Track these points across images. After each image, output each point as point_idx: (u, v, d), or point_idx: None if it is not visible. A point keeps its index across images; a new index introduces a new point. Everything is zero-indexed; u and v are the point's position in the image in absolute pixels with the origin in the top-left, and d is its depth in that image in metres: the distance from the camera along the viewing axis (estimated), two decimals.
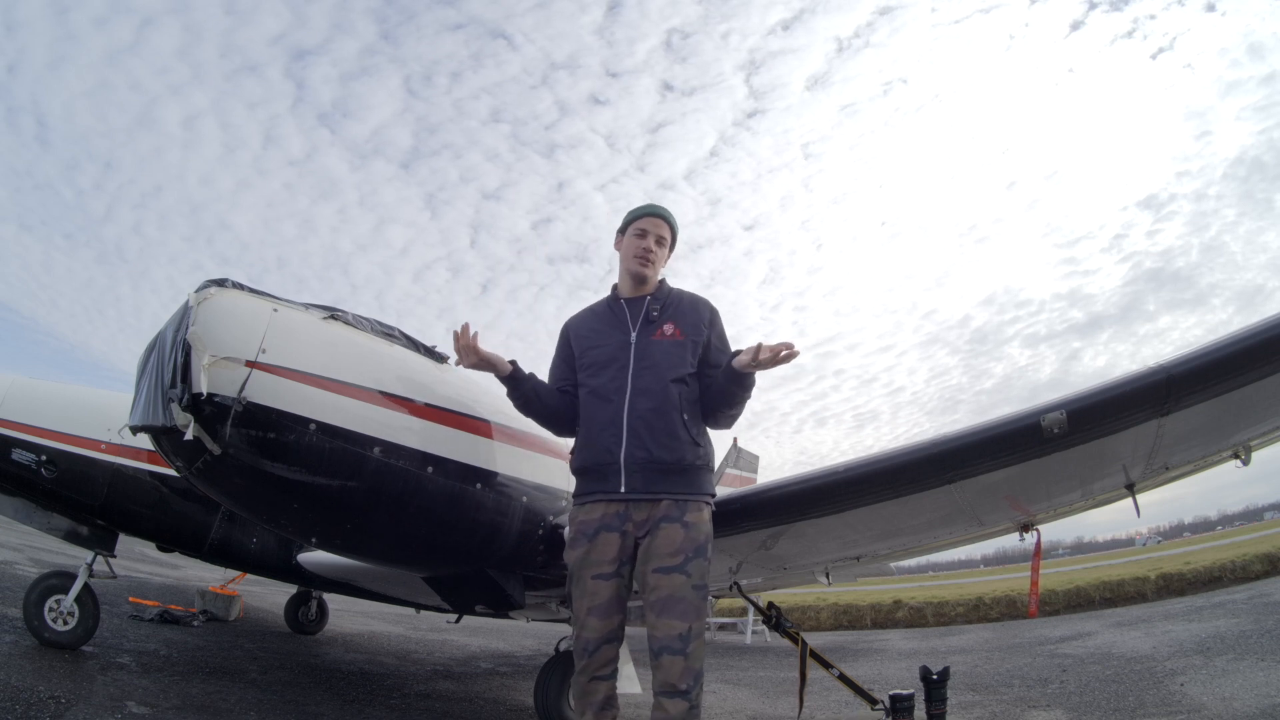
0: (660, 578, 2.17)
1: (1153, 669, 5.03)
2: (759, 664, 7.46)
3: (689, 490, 2.28)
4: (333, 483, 2.59)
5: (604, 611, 2.23)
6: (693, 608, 2.14)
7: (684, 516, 2.23)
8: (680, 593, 2.15)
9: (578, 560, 2.29)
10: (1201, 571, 10.97)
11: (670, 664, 2.10)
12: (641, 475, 2.26)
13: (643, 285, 2.58)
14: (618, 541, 2.25)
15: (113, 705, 3.09)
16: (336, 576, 4.83)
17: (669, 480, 2.27)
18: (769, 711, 4.73)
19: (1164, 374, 2.23)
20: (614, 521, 2.26)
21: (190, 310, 2.46)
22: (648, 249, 2.53)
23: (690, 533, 2.22)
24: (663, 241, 2.58)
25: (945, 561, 68.45)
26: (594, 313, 2.64)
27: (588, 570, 2.26)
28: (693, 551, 2.20)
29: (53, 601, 4.02)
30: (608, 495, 2.28)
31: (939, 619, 11.52)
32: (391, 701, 4.19)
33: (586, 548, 2.27)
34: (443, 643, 7.71)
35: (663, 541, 2.20)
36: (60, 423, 4.22)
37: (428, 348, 3.14)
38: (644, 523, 2.25)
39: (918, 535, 3.45)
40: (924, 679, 3.36)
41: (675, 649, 2.10)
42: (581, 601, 2.26)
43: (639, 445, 2.27)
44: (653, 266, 2.55)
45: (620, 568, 2.26)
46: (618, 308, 2.56)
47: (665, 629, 2.13)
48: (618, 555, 2.25)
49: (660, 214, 2.59)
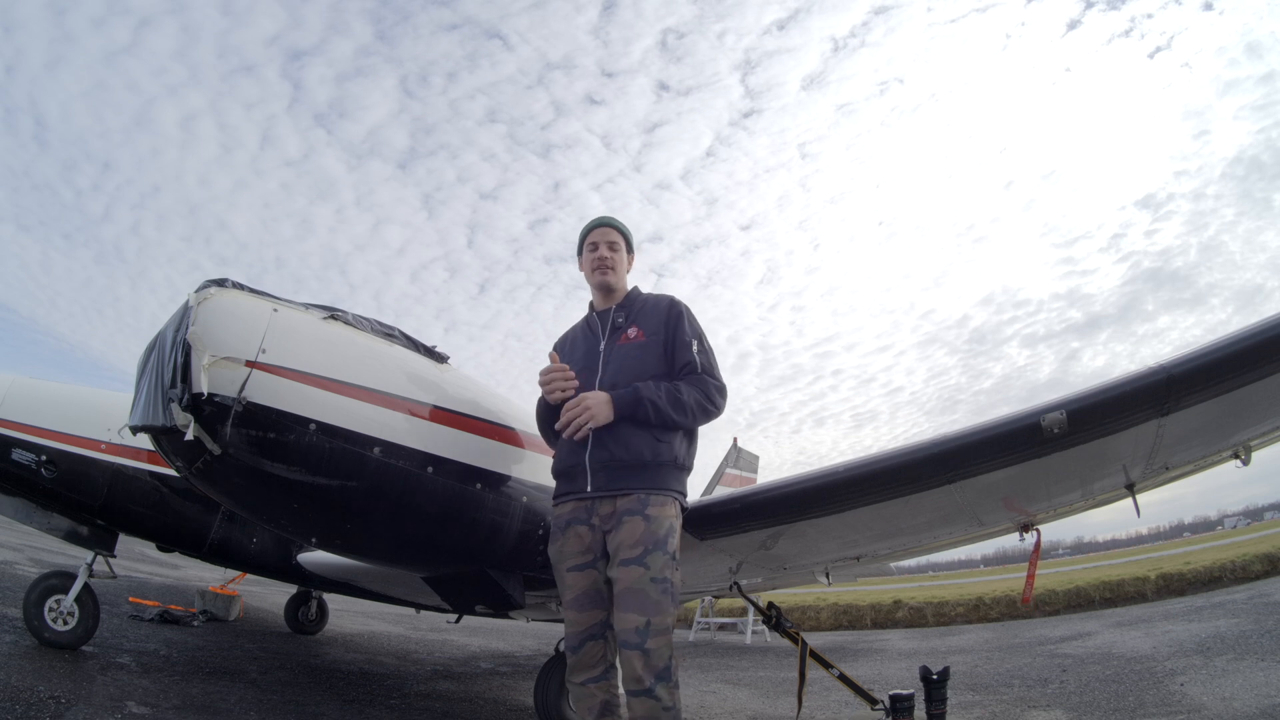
0: (621, 570, 2.21)
1: (1153, 669, 5.03)
2: (759, 664, 7.46)
3: (650, 485, 2.32)
4: (333, 483, 2.59)
5: (582, 603, 2.29)
6: (651, 601, 2.13)
7: (645, 510, 2.27)
8: (638, 585, 2.15)
9: (555, 554, 2.41)
10: (1201, 571, 10.96)
11: (628, 659, 2.10)
12: (604, 474, 2.33)
13: (611, 294, 2.70)
14: (587, 534, 2.33)
15: (113, 705, 3.09)
16: (336, 576, 4.83)
17: (628, 476, 2.32)
18: (769, 711, 4.73)
19: (1164, 374, 2.23)
20: (582, 514, 2.35)
21: (190, 310, 2.46)
22: (602, 257, 2.65)
23: (651, 525, 2.24)
24: (615, 246, 2.68)
25: (945, 561, 68.50)
26: (576, 329, 2.79)
27: (564, 563, 2.36)
28: (653, 544, 2.21)
29: (53, 601, 4.02)
30: (576, 495, 2.38)
31: (939, 619, 11.51)
32: (391, 701, 4.19)
33: (561, 541, 2.38)
34: (443, 643, 7.71)
35: (625, 534, 2.24)
36: (60, 423, 4.22)
37: (427, 347, 3.14)
38: (609, 516, 2.30)
39: (918, 535, 3.45)
40: (924, 679, 3.36)
41: (632, 643, 2.10)
42: (563, 595, 2.36)
43: (601, 446, 2.35)
44: (613, 272, 2.66)
45: (595, 560, 2.32)
46: (592, 320, 2.71)
47: (623, 623, 2.15)
48: (589, 546, 2.32)
49: (604, 223, 2.71)
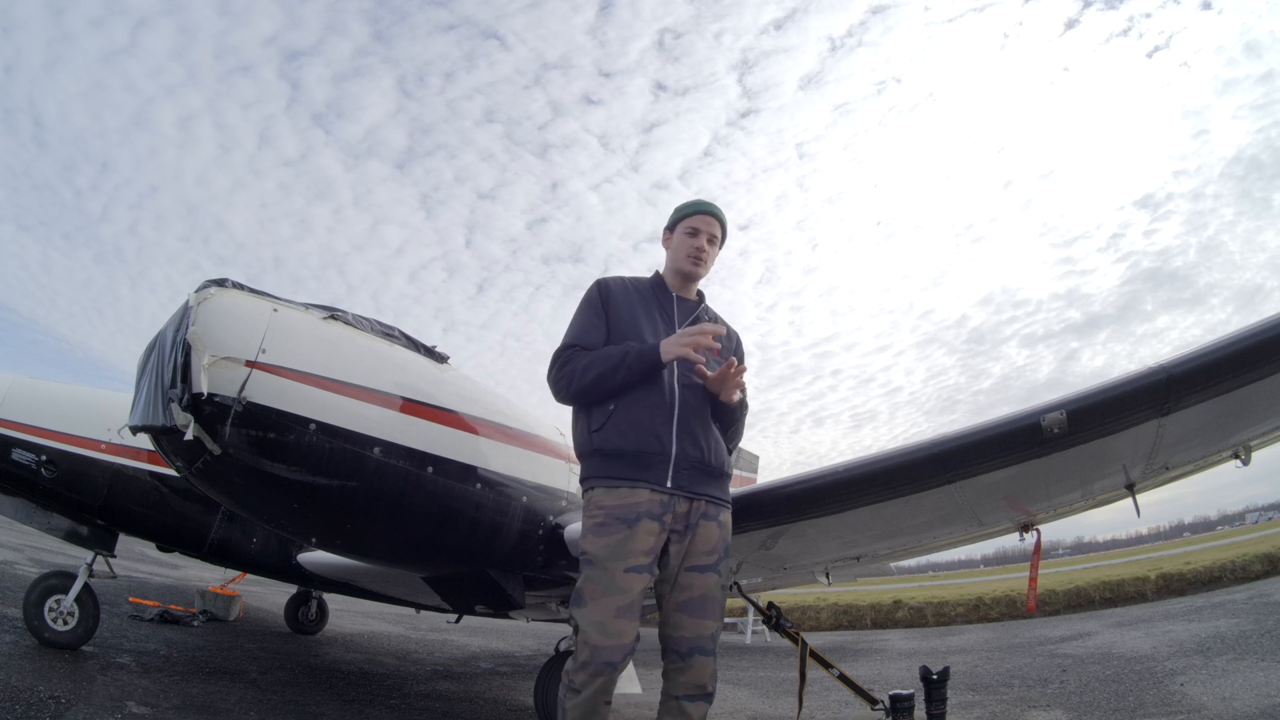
0: (695, 576, 2.10)
1: (1153, 669, 5.03)
2: (759, 664, 7.46)
3: (723, 494, 2.26)
4: (333, 482, 2.60)
5: (633, 611, 1.98)
6: (720, 607, 2.15)
7: (719, 516, 2.19)
8: (713, 592, 2.12)
9: (609, 549, 1.99)
10: (1201, 571, 10.96)
11: (702, 665, 2.05)
12: (689, 473, 2.12)
13: (689, 285, 2.46)
14: (657, 531, 2.05)
15: (113, 705, 3.09)
16: (336, 576, 4.83)
17: (709, 483, 2.19)
18: (769, 711, 4.73)
19: (1164, 374, 2.23)
20: (657, 509, 2.06)
21: (190, 310, 2.46)
22: (700, 248, 2.37)
23: (724, 532, 2.19)
24: (714, 240, 2.42)
25: (945, 561, 68.44)
26: (635, 288, 2.40)
27: (621, 562, 1.97)
28: (724, 551, 2.19)
29: (53, 601, 4.02)
30: (652, 485, 2.07)
31: (939, 619, 11.51)
32: (391, 701, 4.19)
33: (624, 535, 1.99)
34: (443, 643, 7.71)
35: (701, 539, 2.12)
36: (60, 423, 4.22)
37: (427, 347, 3.15)
38: (682, 518, 2.10)
39: (918, 535, 3.45)
40: (924, 679, 3.36)
41: (708, 649, 2.06)
42: (609, 600, 1.95)
43: (692, 443, 2.15)
44: (704, 265, 2.41)
45: (653, 563, 2.05)
46: (665, 298, 2.40)
47: (697, 629, 2.07)
48: (654, 547, 2.05)
49: (713, 212, 2.41)
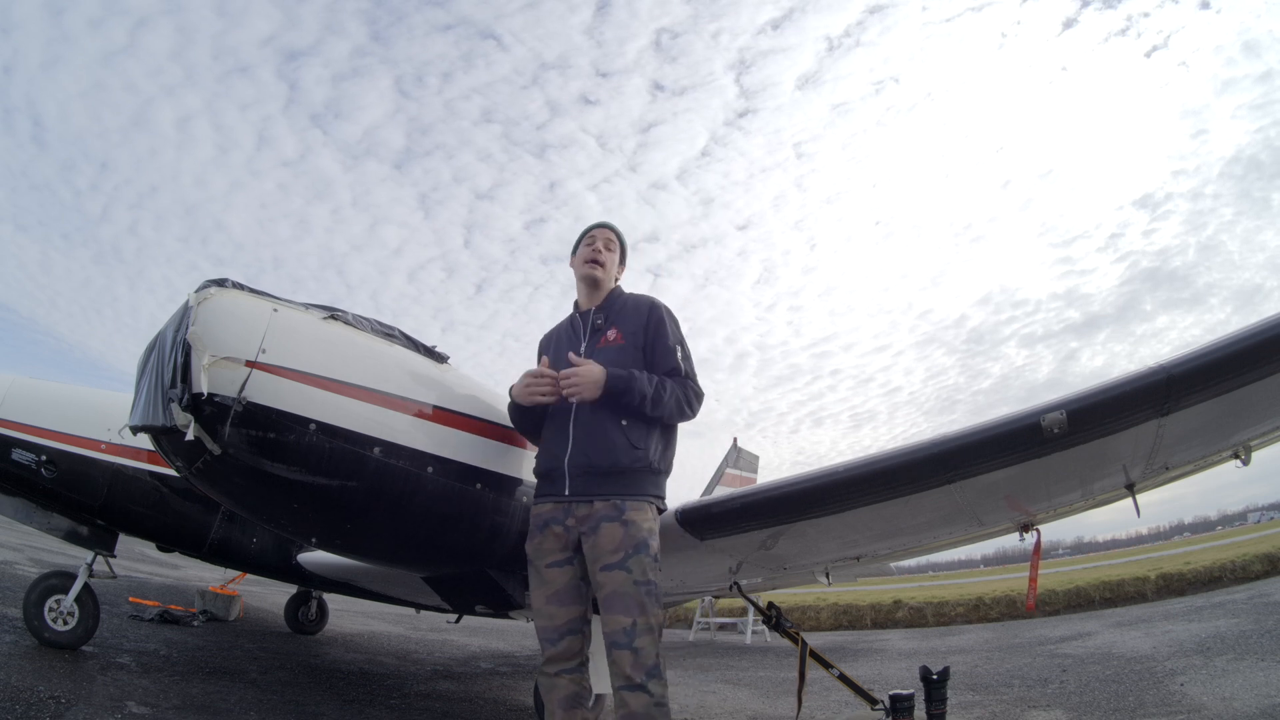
0: (604, 575, 2.27)
1: (1153, 669, 5.03)
2: (759, 664, 7.46)
3: (626, 491, 2.37)
4: (333, 483, 2.59)
5: (562, 599, 2.34)
6: (636, 603, 2.22)
7: (623, 516, 2.32)
8: (622, 588, 2.23)
9: (533, 550, 2.43)
10: (1201, 571, 10.97)
11: (619, 657, 2.19)
12: (582, 479, 2.38)
13: (596, 292, 2.72)
14: (563, 534, 2.38)
15: (113, 705, 3.09)
16: (336, 576, 4.83)
17: (605, 483, 2.36)
18: (769, 711, 4.73)
19: (1164, 374, 2.23)
20: (559, 515, 2.39)
21: (190, 310, 2.45)
22: (596, 250, 2.71)
23: (630, 530, 2.30)
24: (611, 246, 2.74)
25: (945, 561, 68.49)
26: (561, 328, 2.80)
27: (542, 559, 2.39)
28: (633, 549, 2.27)
29: (53, 601, 4.02)
30: (554, 498, 2.43)
31: (939, 619, 11.51)
32: (391, 701, 4.20)
33: (539, 539, 2.42)
34: (443, 643, 7.72)
35: (604, 539, 2.29)
36: (60, 423, 4.22)
37: (427, 347, 3.14)
38: (585, 519, 2.35)
39: (918, 535, 3.45)
40: (924, 679, 3.36)
41: (621, 643, 2.19)
42: (540, 591, 2.37)
43: (580, 452, 2.40)
44: (603, 269, 2.69)
45: (571, 556, 2.37)
46: (576, 321, 2.74)
47: (611, 624, 2.22)
48: (565, 545, 2.37)
49: (604, 225, 2.80)
